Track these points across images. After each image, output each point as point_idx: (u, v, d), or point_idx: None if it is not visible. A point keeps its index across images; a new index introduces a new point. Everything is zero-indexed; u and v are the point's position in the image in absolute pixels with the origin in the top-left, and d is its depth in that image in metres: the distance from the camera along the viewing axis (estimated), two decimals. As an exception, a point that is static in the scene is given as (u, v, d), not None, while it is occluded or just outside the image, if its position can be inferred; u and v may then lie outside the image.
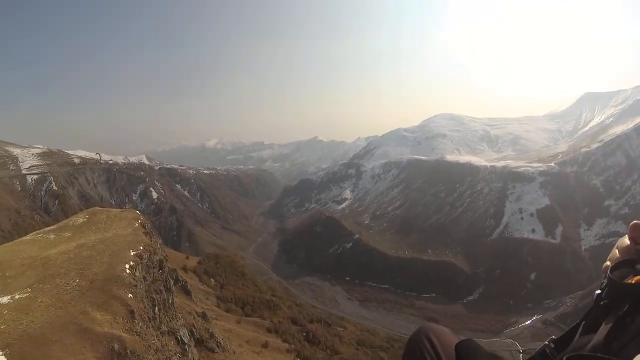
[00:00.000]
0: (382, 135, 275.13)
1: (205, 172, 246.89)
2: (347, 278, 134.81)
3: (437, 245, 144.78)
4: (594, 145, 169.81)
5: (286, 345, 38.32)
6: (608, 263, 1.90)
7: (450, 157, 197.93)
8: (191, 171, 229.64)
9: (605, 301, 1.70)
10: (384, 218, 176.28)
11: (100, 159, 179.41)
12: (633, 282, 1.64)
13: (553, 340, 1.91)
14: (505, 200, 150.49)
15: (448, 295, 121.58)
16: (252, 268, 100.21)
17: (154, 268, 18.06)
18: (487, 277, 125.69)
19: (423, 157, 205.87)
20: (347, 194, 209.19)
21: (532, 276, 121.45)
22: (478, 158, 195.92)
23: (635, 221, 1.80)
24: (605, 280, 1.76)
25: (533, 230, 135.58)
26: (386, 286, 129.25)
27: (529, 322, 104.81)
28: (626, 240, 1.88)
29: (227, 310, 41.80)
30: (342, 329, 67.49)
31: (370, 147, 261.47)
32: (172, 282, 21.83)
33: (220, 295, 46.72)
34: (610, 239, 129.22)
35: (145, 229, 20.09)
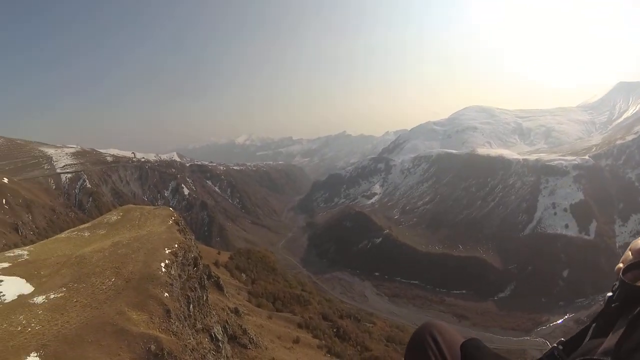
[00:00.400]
0: (412, 129, 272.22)
1: (235, 168, 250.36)
2: (377, 273, 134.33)
3: (468, 240, 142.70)
4: (629, 137, 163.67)
5: (317, 341, 38.26)
6: (621, 265, 1.81)
7: (481, 151, 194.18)
8: (221, 167, 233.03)
9: (617, 303, 1.65)
10: (413, 213, 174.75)
11: (134, 157, 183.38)
12: None
13: (562, 343, 1.87)
14: (538, 195, 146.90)
15: (479, 291, 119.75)
16: (282, 263, 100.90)
17: (188, 265, 18.22)
18: (518, 273, 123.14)
19: (453, 151, 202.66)
20: (377, 188, 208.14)
21: (565, 273, 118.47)
22: (510, 151, 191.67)
23: None
24: (617, 282, 1.70)
25: (566, 226, 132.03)
26: (416, 282, 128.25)
27: (560, 321, 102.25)
28: (639, 242, 1.82)
29: (259, 305, 42.03)
30: (371, 325, 67.08)
31: (399, 141, 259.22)
32: (205, 278, 21.92)
33: (251, 290, 47.06)
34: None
35: (179, 226, 20.23)
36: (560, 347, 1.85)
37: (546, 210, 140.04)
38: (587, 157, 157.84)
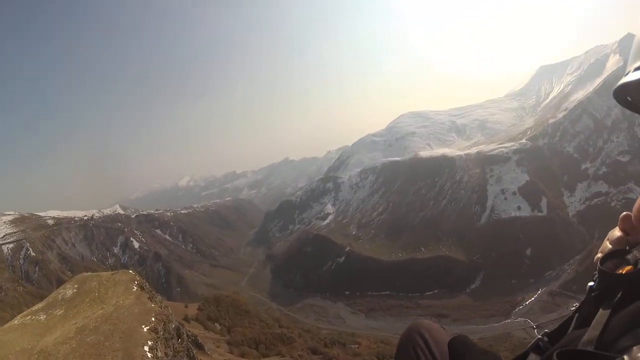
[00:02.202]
0: (353, 144, 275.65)
1: (183, 212, 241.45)
2: (347, 292, 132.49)
3: (429, 241, 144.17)
4: (560, 115, 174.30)
5: None
6: (599, 254, 1.90)
7: (424, 154, 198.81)
8: (169, 214, 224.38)
9: (597, 292, 1.71)
10: (370, 225, 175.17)
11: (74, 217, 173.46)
12: (624, 272, 1.65)
13: (546, 334, 1.91)
14: (486, 185, 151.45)
15: (450, 288, 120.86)
16: (250, 301, 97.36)
17: (172, 339, 15.91)
18: (484, 262, 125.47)
19: (397, 158, 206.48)
20: (329, 208, 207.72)
21: (528, 252, 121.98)
22: (451, 149, 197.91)
23: (625, 212, 1.85)
24: (597, 272, 1.77)
25: (519, 208, 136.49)
26: (387, 292, 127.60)
27: (534, 297, 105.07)
28: (617, 232, 1.91)
29: (242, 355, 39.32)
30: (357, 346, 65.74)
31: (343, 158, 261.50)
32: (193, 349, 19.65)
33: (230, 340, 44.15)
34: (595, 200, 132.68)
35: (145, 290, 17.99)
36: (545, 338, 1.88)
37: (497, 197, 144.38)
38: (524, 140, 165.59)
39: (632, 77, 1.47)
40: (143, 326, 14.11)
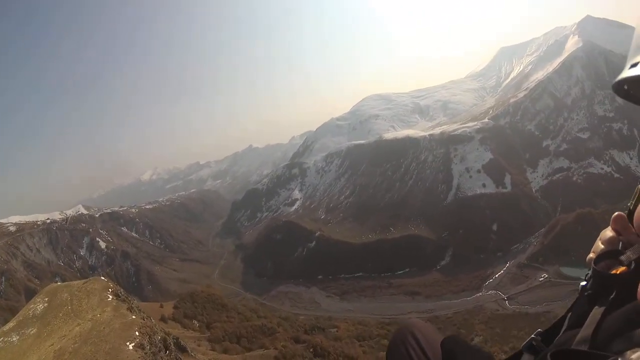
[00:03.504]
0: (317, 128, 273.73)
1: (147, 207, 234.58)
2: (320, 277, 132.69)
3: (398, 221, 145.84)
4: (521, 94, 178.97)
5: None
6: (592, 255, 1.91)
7: (388, 136, 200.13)
8: (133, 210, 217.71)
9: (590, 292, 1.71)
10: (338, 209, 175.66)
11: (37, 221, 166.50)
12: (618, 272, 1.65)
13: (540, 333, 1.90)
14: (450, 164, 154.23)
15: (421, 266, 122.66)
16: (225, 293, 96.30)
17: (160, 352, 14.63)
18: (453, 239, 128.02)
19: (362, 142, 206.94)
20: (297, 194, 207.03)
21: (494, 227, 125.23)
22: (414, 130, 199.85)
23: (617, 213, 1.84)
24: (590, 272, 1.77)
25: (484, 185, 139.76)
26: (360, 274, 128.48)
27: (503, 270, 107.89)
28: (609, 232, 1.89)
29: (225, 351, 38.32)
30: (336, 330, 65.98)
31: (307, 143, 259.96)
32: (180, 356, 18.36)
33: (211, 337, 42.99)
34: (557, 175, 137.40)
35: (120, 297, 16.63)
36: (539, 337, 1.86)
37: (462, 176, 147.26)
38: (486, 120, 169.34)
39: (631, 72, 1.47)
40: (128, 343, 12.74)
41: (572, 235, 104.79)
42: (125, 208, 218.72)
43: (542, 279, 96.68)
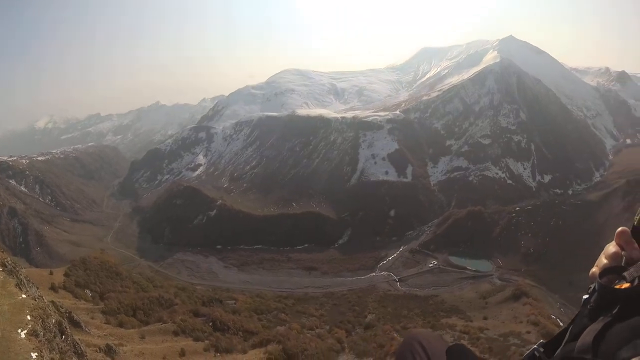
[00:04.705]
0: (230, 94, 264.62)
1: (40, 159, 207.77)
2: (219, 246, 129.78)
3: (301, 198, 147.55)
4: (434, 94, 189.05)
5: (201, 344, 33.77)
6: (595, 269, 1.92)
7: (301, 112, 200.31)
8: (24, 161, 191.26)
9: (593, 306, 1.72)
10: (243, 179, 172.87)
11: None
12: (622, 288, 1.66)
13: (542, 344, 1.91)
14: (358, 148, 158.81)
15: (320, 243, 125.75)
16: (119, 259, 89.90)
17: (55, 338, 12.21)
18: (352, 220, 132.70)
19: (274, 114, 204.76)
20: (201, 159, 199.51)
21: (392, 213, 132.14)
22: (328, 110, 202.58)
23: (621, 228, 1.85)
24: (593, 286, 1.77)
25: (387, 173, 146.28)
26: (259, 246, 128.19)
27: (396, 253, 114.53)
28: (612, 247, 1.90)
29: (120, 325, 35.21)
30: (234, 302, 64.53)
31: (218, 108, 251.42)
32: (79, 344, 15.60)
33: (105, 309, 39.08)
34: (455, 173, 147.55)
35: (7, 269, 13.59)
36: (541, 348, 1.89)
37: (367, 161, 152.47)
38: (398, 112, 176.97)
39: None
40: (19, 330, 10.43)
41: (462, 228, 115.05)
42: (15, 158, 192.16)
43: (431, 265, 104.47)
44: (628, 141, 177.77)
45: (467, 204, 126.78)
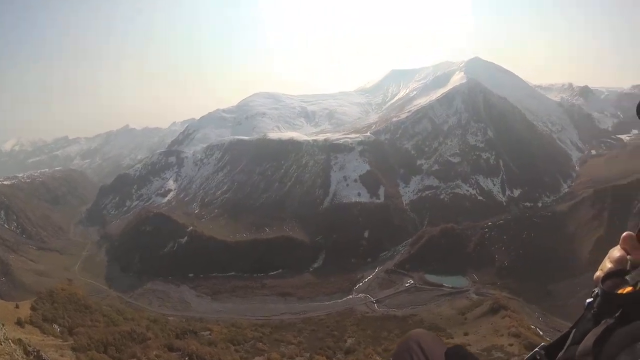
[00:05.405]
0: (200, 117, 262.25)
1: (5, 182, 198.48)
2: (191, 275, 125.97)
3: (273, 222, 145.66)
4: (403, 115, 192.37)
5: None
6: (599, 273, 1.92)
7: (272, 135, 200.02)
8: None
9: (596, 310, 1.72)
10: (214, 204, 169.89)
11: None
12: (624, 292, 1.67)
13: (544, 347, 1.92)
14: (330, 171, 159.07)
15: (294, 267, 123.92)
16: (87, 290, 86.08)
17: None
18: (326, 243, 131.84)
19: (245, 137, 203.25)
20: (171, 184, 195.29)
21: (366, 234, 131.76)
22: (298, 133, 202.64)
23: (627, 232, 1.86)
24: (597, 290, 1.78)
25: (359, 194, 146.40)
26: (232, 273, 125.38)
27: (372, 275, 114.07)
28: (617, 251, 1.91)
29: None
30: (209, 333, 62.23)
31: (188, 132, 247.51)
32: None
33: (74, 345, 36.69)
34: (426, 192, 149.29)
35: None
36: (543, 351, 1.90)
37: (339, 183, 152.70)
38: (368, 133, 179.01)
39: None
40: None
41: (437, 246, 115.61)
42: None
43: (408, 284, 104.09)
44: (593, 152, 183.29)
45: (440, 221, 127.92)
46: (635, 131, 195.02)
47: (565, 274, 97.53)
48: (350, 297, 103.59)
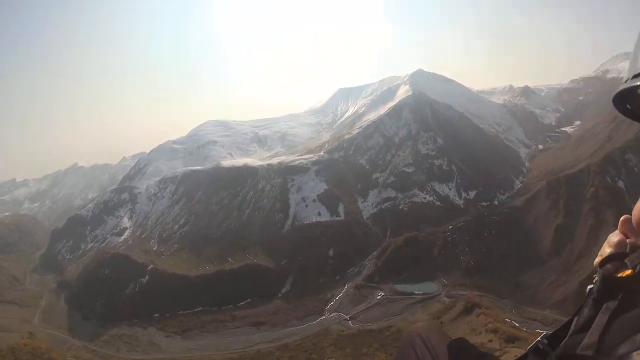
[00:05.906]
0: (151, 150, 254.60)
1: None
2: (157, 315, 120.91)
3: (236, 252, 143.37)
4: (355, 131, 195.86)
5: None
6: (599, 259, 1.89)
7: (226, 163, 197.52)
8: None
9: (596, 296, 1.70)
10: (172, 239, 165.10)
11: None
12: (624, 275, 1.65)
13: (546, 336, 1.89)
14: (288, 193, 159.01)
15: (263, 295, 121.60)
16: (50, 342, 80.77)
17: None
18: (291, 266, 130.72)
19: (198, 167, 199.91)
20: (126, 222, 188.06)
21: (331, 252, 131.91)
22: (252, 159, 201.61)
23: (625, 215, 1.84)
24: (597, 275, 1.76)
25: (319, 214, 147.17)
26: (200, 308, 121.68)
27: (342, 292, 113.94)
28: (616, 236, 1.90)
29: None
30: None
31: (140, 166, 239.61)
32: None
33: None
34: (385, 204, 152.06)
35: None
36: (545, 340, 1.87)
37: (298, 205, 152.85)
38: (322, 153, 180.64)
39: (630, 83, 1.49)
40: None
41: (402, 256, 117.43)
42: None
43: (379, 297, 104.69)
44: (540, 147, 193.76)
45: (402, 231, 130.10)
46: (577, 122, 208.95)
47: (531, 265, 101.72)
48: (324, 317, 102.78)
